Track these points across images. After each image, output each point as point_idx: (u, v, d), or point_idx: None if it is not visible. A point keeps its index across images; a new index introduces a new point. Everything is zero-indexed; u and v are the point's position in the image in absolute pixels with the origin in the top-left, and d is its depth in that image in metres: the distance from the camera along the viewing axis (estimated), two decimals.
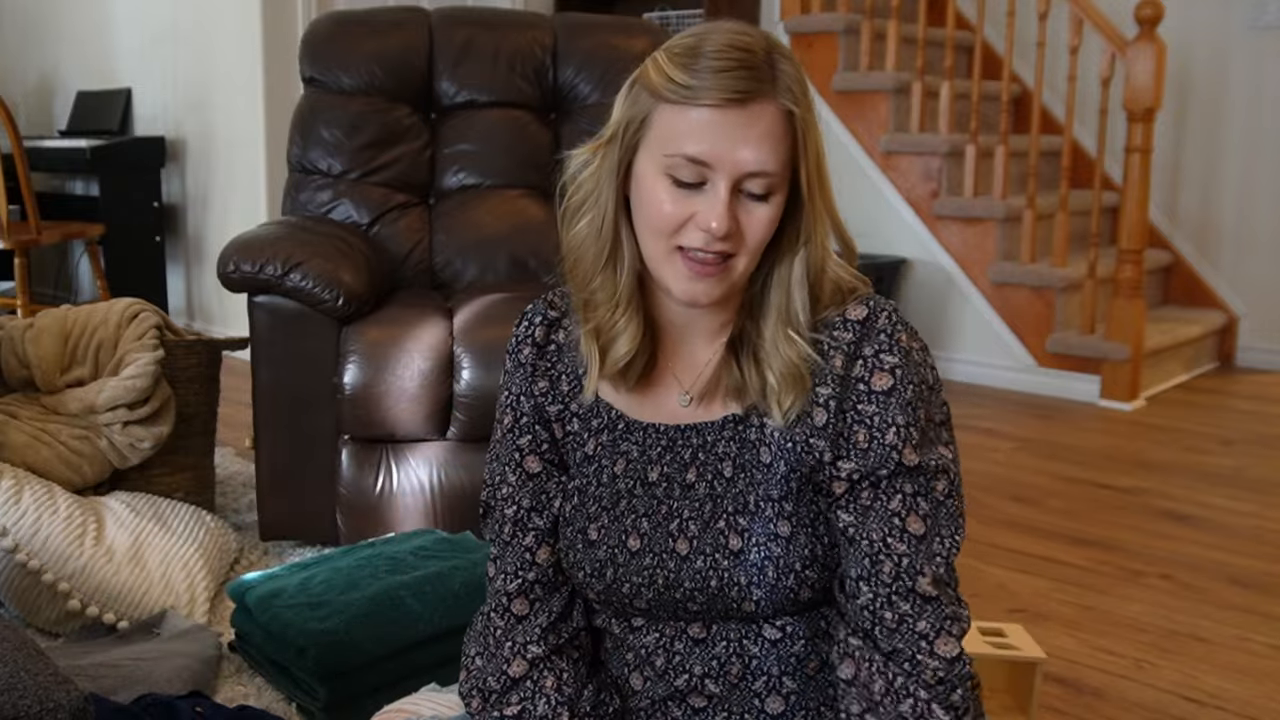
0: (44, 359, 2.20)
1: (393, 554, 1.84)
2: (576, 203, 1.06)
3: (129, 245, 4.51)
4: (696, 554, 1.05)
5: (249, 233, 2.28)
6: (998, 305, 3.99)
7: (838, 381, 1.02)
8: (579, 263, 1.07)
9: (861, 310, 1.03)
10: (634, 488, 1.10)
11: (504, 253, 2.56)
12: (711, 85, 0.95)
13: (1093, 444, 3.30)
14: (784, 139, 0.97)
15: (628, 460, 1.10)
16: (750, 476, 1.05)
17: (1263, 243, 4.26)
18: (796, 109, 0.97)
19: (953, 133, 4.16)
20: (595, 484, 1.11)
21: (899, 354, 1.02)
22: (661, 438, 1.10)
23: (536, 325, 1.15)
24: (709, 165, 0.96)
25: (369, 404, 2.11)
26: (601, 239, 1.04)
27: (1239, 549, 2.47)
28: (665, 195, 0.98)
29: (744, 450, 1.06)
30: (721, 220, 0.96)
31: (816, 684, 1.09)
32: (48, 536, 1.90)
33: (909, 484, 1.01)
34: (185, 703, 1.50)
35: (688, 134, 0.96)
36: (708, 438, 1.08)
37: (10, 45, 5.37)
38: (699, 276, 0.99)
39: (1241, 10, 4.20)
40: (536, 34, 2.74)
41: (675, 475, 1.08)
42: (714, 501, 1.06)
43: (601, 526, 1.10)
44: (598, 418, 1.12)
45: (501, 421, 1.16)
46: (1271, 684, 1.87)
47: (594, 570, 1.10)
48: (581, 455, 1.13)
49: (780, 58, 0.98)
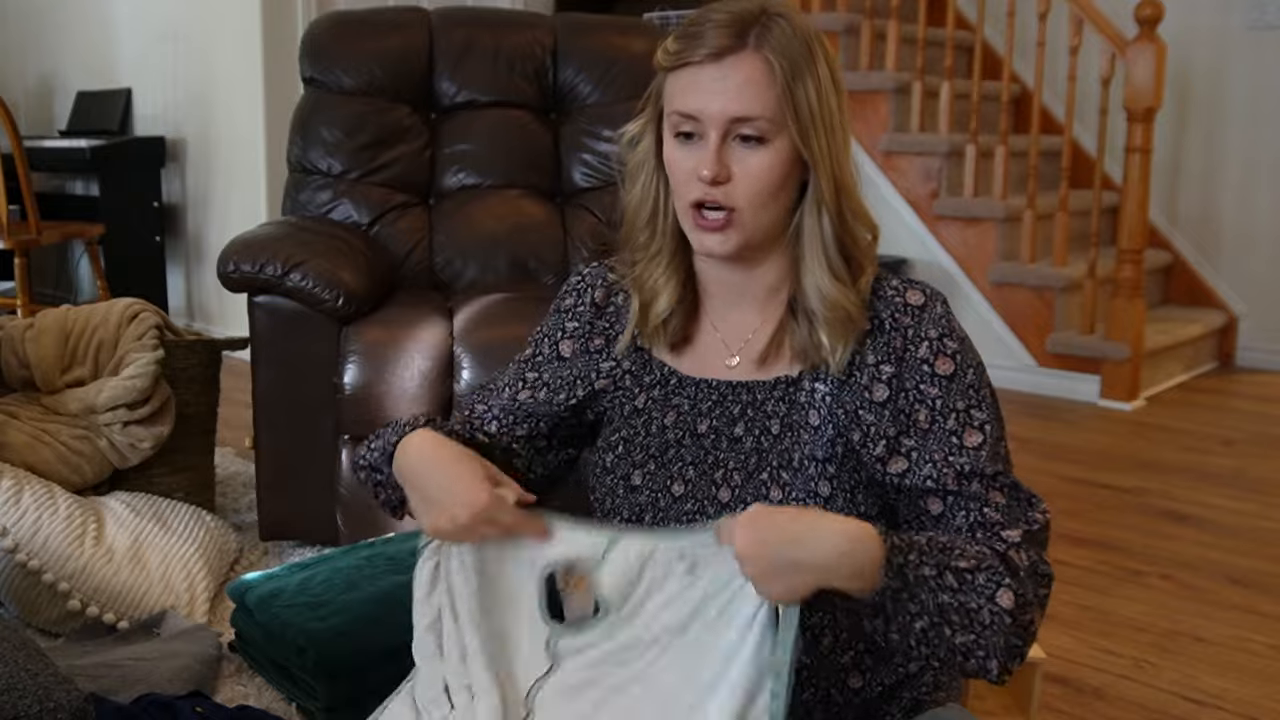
0: (44, 359, 2.20)
1: (393, 554, 1.84)
2: (632, 168, 1.16)
3: (129, 245, 4.51)
4: (737, 501, 1.10)
5: (249, 233, 2.28)
6: (998, 305, 3.99)
7: (898, 362, 1.07)
8: (629, 223, 1.17)
9: (919, 297, 1.10)
10: (683, 438, 1.15)
11: (504, 253, 2.56)
12: (696, 44, 1.04)
13: (1093, 444, 3.30)
14: (766, 89, 1.03)
15: (679, 413, 1.16)
16: (796, 436, 1.10)
17: (1263, 243, 4.26)
18: (776, 59, 1.03)
19: (953, 133, 4.16)
20: (644, 434, 1.17)
21: (958, 340, 1.09)
22: (713, 392, 1.15)
23: (597, 286, 1.23)
24: (697, 117, 1.05)
25: (369, 404, 2.11)
26: (645, 202, 1.15)
27: (1239, 549, 2.47)
28: (676, 153, 1.08)
29: (792, 411, 1.11)
30: (710, 165, 1.04)
31: (828, 664, 1.10)
32: (48, 536, 1.90)
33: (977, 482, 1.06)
34: (185, 703, 1.50)
35: (679, 91, 1.07)
36: (758, 395, 1.12)
37: (10, 45, 5.37)
38: (706, 230, 1.07)
39: (1241, 10, 4.20)
40: (536, 34, 2.74)
41: (724, 429, 1.13)
42: (759, 455, 1.11)
43: (647, 473, 1.15)
44: (650, 374, 1.18)
45: (524, 350, 1.26)
46: (1271, 684, 1.87)
47: (632, 514, 1.15)
48: (630, 409, 1.19)
49: (775, 17, 1.05)
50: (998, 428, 1.09)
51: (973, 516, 1.05)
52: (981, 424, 1.08)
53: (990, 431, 1.08)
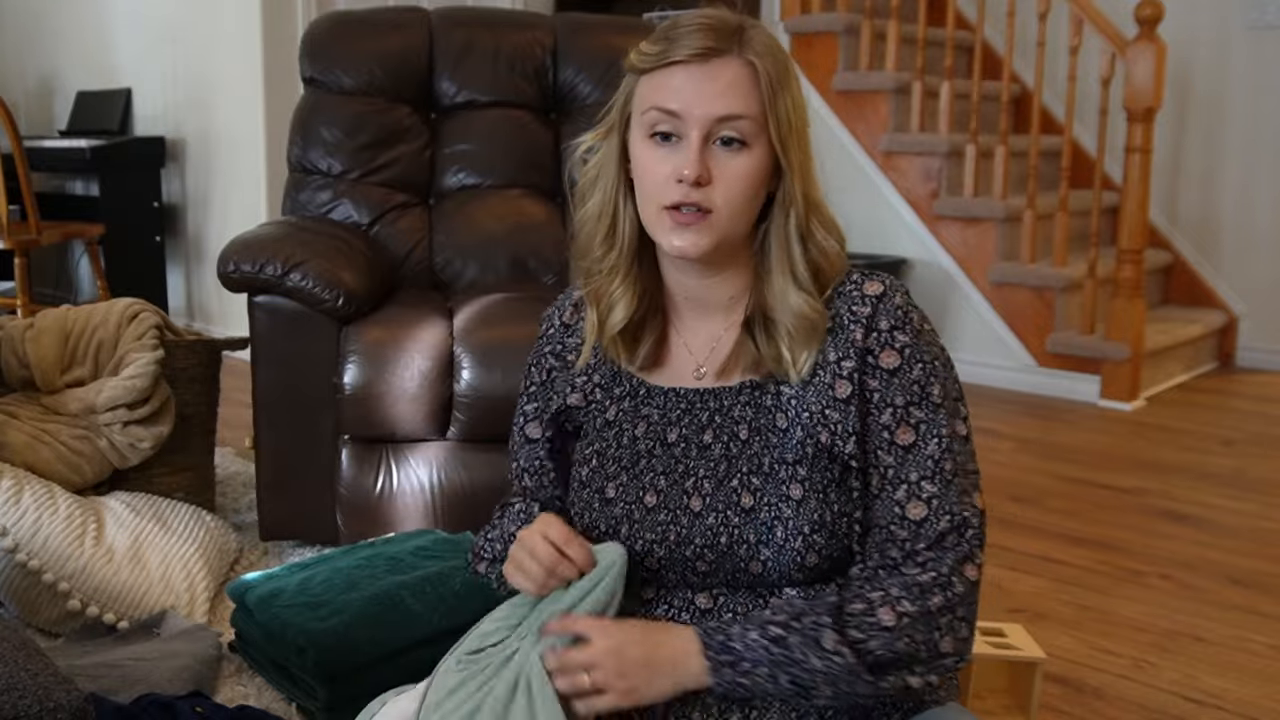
0: (44, 359, 2.20)
1: (393, 554, 1.84)
2: (585, 184, 1.16)
3: (129, 245, 4.51)
4: (709, 510, 1.10)
5: (249, 233, 2.28)
6: (998, 305, 3.99)
7: (859, 354, 1.07)
8: (584, 236, 1.17)
9: (877, 286, 1.09)
10: (653, 448, 1.16)
11: (504, 253, 2.56)
12: (680, 45, 1.05)
13: (1093, 444, 3.30)
14: (751, 92, 1.05)
15: (648, 423, 1.16)
16: (765, 440, 1.10)
17: (1263, 243, 4.26)
18: (761, 64, 1.04)
19: (953, 133, 4.16)
20: (615, 446, 1.17)
21: (911, 334, 1.08)
22: (681, 401, 1.15)
23: (565, 309, 1.25)
24: (679, 115, 1.05)
25: (369, 404, 2.11)
26: (603, 214, 1.14)
27: (1239, 549, 2.47)
28: (650, 156, 1.08)
29: (759, 415, 1.11)
30: (692, 166, 1.04)
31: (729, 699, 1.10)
32: (48, 536, 1.90)
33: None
34: (185, 703, 1.50)
35: (659, 89, 1.06)
36: (725, 402, 1.13)
37: (10, 45, 5.37)
38: (682, 228, 1.07)
39: (1241, 10, 4.20)
40: (536, 34, 2.74)
41: (693, 436, 1.14)
42: (729, 462, 1.11)
43: (620, 484, 1.16)
44: (620, 385, 1.19)
45: (520, 393, 1.29)
46: (1271, 684, 1.87)
47: (609, 528, 1.15)
48: (602, 421, 1.19)
49: (751, 28, 1.07)
50: (943, 430, 1.06)
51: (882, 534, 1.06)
52: (918, 423, 1.06)
53: (926, 432, 1.06)
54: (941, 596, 1.02)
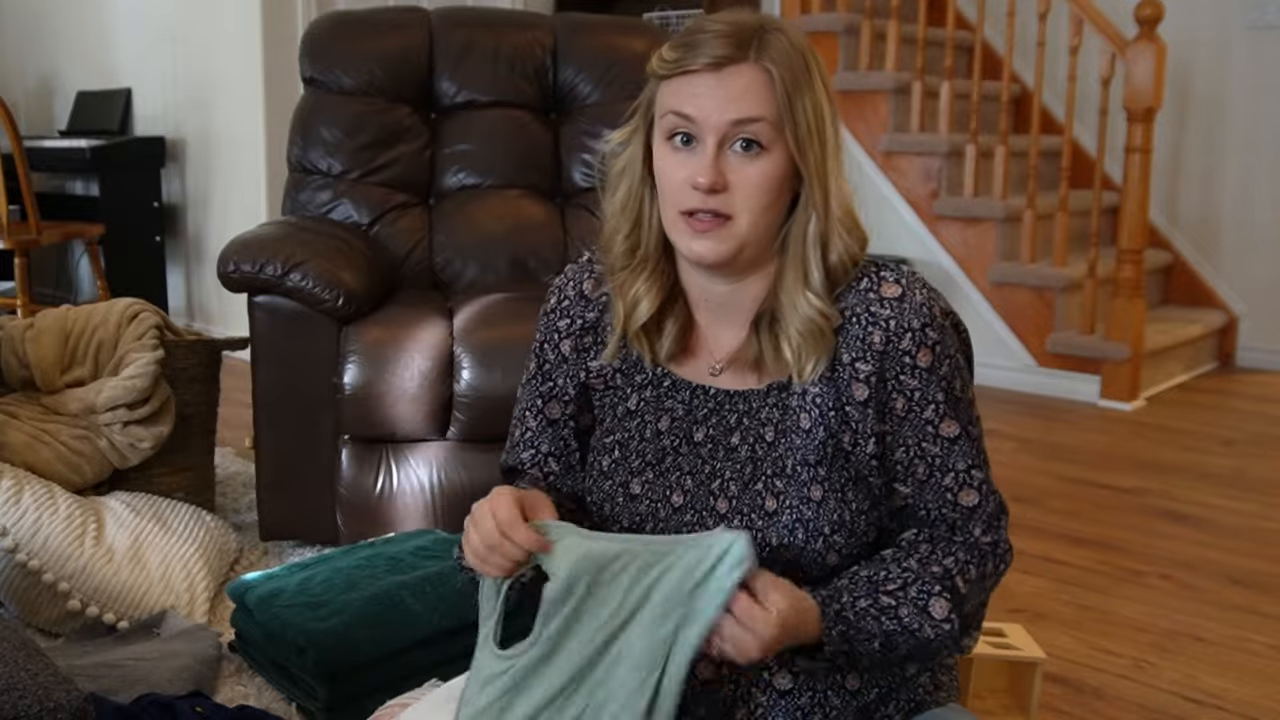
0: (44, 359, 2.20)
1: (393, 554, 1.84)
2: (614, 174, 1.16)
3: (129, 245, 4.51)
4: (734, 513, 1.11)
5: (249, 233, 2.28)
6: (998, 305, 3.99)
7: (877, 357, 1.07)
8: (608, 229, 1.17)
9: (895, 289, 1.09)
10: (679, 446, 1.15)
11: (504, 253, 2.56)
12: (696, 54, 1.05)
13: (1093, 444, 3.30)
14: (767, 96, 1.04)
15: (672, 418, 1.16)
16: (790, 442, 1.10)
17: (1263, 243, 4.26)
18: (776, 69, 1.04)
19: (953, 133, 4.16)
20: (638, 439, 1.17)
21: (938, 330, 1.09)
22: (709, 400, 1.15)
23: (584, 279, 1.22)
24: (695, 121, 1.05)
25: (369, 404, 2.11)
26: (629, 210, 1.15)
27: (1239, 549, 2.47)
28: (669, 160, 1.08)
29: (785, 416, 1.11)
30: (707, 173, 1.04)
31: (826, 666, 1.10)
32: (48, 536, 1.90)
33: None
34: (185, 703, 1.50)
35: (676, 95, 1.06)
36: (753, 404, 1.13)
37: (10, 45, 5.37)
38: (698, 234, 1.07)
39: (1241, 10, 4.20)
40: (536, 34, 2.74)
41: (720, 438, 1.14)
42: (754, 464, 1.11)
43: (645, 481, 1.15)
44: (641, 373, 1.18)
45: (527, 368, 1.25)
46: (1271, 684, 1.87)
47: (633, 524, 1.15)
48: (624, 410, 1.19)
49: (772, 30, 1.06)
50: (974, 417, 1.13)
51: (931, 514, 1.11)
52: (958, 415, 1.10)
53: (966, 423, 1.11)
54: (999, 563, 1.14)
